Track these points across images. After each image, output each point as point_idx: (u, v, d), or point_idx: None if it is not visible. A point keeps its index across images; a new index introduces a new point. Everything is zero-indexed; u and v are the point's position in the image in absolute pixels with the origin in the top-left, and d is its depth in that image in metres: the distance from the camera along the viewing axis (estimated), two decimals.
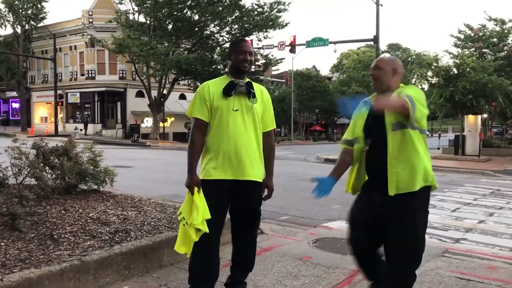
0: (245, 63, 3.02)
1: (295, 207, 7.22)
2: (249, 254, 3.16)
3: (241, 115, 2.97)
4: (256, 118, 3.03)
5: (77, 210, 4.40)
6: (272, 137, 3.22)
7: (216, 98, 2.96)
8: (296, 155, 23.08)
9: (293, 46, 26.12)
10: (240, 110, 2.98)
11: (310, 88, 48.97)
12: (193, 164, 2.92)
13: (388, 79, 2.83)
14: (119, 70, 35.15)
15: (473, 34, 25.55)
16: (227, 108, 2.96)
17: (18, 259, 3.06)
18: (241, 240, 3.14)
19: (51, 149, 5.08)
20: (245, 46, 3.06)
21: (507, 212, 7.38)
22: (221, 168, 2.93)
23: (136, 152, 20.73)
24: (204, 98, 2.97)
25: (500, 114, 28.30)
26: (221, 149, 2.94)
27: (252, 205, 3.06)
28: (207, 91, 2.98)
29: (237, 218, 3.11)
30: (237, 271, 3.16)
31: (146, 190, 7.70)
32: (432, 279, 3.68)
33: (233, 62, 3.04)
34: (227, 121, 2.94)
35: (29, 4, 35.45)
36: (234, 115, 2.96)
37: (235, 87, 2.98)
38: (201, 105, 2.97)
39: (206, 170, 2.98)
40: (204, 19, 30.41)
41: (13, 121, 41.39)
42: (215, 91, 2.98)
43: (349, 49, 70.04)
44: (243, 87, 3.01)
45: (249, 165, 2.96)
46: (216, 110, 2.96)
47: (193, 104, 3.01)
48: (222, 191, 2.94)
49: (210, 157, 2.98)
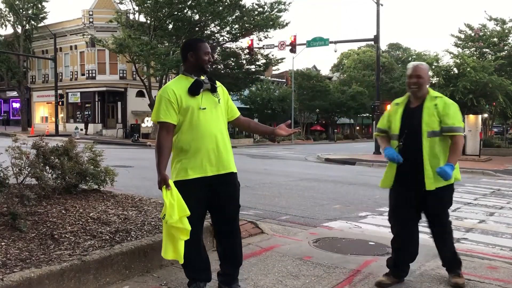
0: (209, 63, 3.11)
1: (296, 206, 7.22)
2: (238, 247, 3.21)
3: (210, 112, 3.04)
4: (222, 111, 3.14)
5: (77, 209, 4.40)
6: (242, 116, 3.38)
7: (184, 99, 2.99)
8: (296, 155, 23.07)
9: (293, 45, 26.09)
10: (208, 107, 3.04)
11: (311, 88, 48.93)
12: (161, 162, 2.93)
13: (426, 86, 3.44)
14: (119, 70, 35.16)
15: (474, 34, 25.55)
16: (197, 106, 3.00)
17: (19, 258, 3.06)
18: (227, 234, 3.17)
19: (51, 149, 5.08)
20: (207, 48, 3.13)
21: (508, 212, 7.38)
22: (200, 167, 2.98)
23: (137, 152, 20.73)
24: (170, 101, 2.97)
25: (501, 113, 28.31)
26: (198, 147, 2.97)
27: (233, 194, 3.13)
28: (172, 94, 2.99)
29: (219, 212, 3.14)
30: (229, 268, 3.18)
31: (146, 189, 7.70)
32: (433, 279, 3.69)
33: (197, 62, 3.07)
34: (198, 119, 2.99)
35: (29, 4, 35.46)
36: (204, 113, 3.01)
37: (202, 86, 3.02)
38: (168, 109, 2.97)
39: (182, 170, 3.00)
40: (205, 19, 30.40)
41: (14, 121, 41.42)
42: (181, 93, 3.00)
43: (350, 48, 69.83)
44: (208, 84, 3.07)
45: (226, 158, 3.06)
46: (186, 110, 2.98)
47: (158, 109, 3.01)
48: (201, 187, 2.99)
49: (185, 157, 2.99)
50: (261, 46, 30.37)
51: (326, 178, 11.76)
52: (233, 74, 31.46)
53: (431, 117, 3.32)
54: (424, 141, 3.29)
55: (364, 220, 6.37)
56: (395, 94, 57.20)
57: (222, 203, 3.10)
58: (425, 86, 3.43)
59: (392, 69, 61.82)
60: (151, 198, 5.51)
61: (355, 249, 4.56)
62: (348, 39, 33.59)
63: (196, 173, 2.98)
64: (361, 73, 57.74)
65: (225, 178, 3.06)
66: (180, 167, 3.01)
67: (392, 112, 3.57)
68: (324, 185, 10.16)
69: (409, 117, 3.40)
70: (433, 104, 3.35)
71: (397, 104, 3.57)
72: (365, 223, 6.14)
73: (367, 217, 6.60)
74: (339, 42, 26.57)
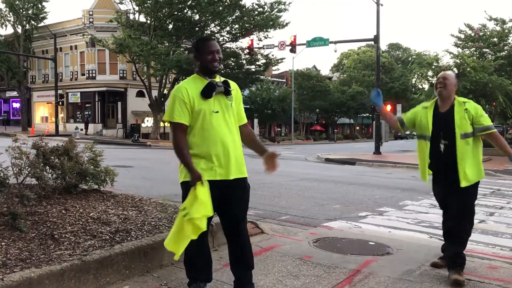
0: (214, 62, 3.00)
1: (296, 206, 7.22)
2: (249, 249, 3.17)
3: (222, 116, 2.98)
4: (235, 115, 3.07)
5: (77, 209, 4.40)
6: (248, 125, 3.30)
7: (196, 101, 2.93)
8: (296, 154, 23.08)
9: (293, 45, 26.09)
10: (221, 111, 2.98)
11: (311, 88, 48.97)
12: (189, 162, 2.89)
13: (452, 89, 3.78)
14: (119, 70, 35.17)
15: (474, 34, 25.54)
16: (209, 110, 2.94)
17: (19, 258, 3.06)
18: (235, 237, 3.12)
19: (51, 149, 5.08)
20: (212, 46, 3.02)
21: (508, 212, 7.38)
22: (209, 170, 2.92)
23: (137, 152, 20.74)
24: (184, 102, 2.92)
25: (501, 113, 28.30)
26: (208, 151, 2.93)
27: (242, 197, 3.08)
28: (186, 94, 2.94)
29: (226, 214, 3.10)
30: (239, 270, 3.13)
31: (146, 189, 7.70)
32: (433, 279, 3.69)
33: (202, 63, 3.01)
34: (210, 123, 2.93)
35: (29, 4, 35.47)
36: (216, 116, 2.96)
37: (214, 89, 2.96)
38: (182, 109, 2.93)
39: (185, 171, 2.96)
40: (205, 19, 30.41)
41: (14, 121, 41.42)
42: (194, 94, 2.94)
43: (350, 48, 69.92)
44: (222, 87, 3.00)
45: (236, 163, 2.99)
46: (198, 113, 2.93)
47: (172, 109, 2.95)
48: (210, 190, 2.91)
49: (195, 159, 2.94)
50: (261, 46, 30.38)
51: (326, 178, 11.76)
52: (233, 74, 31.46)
53: (463, 120, 3.66)
54: (458, 143, 3.64)
55: (364, 220, 6.37)
56: (395, 94, 57.46)
57: (230, 206, 3.05)
58: (451, 88, 3.78)
59: (392, 69, 61.88)
60: (151, 198, 5.51)
61: (355, 249, 4.55)
62: (348, 39, 33.60)
63: (205, 175, 2.90)
64: (361, 73, 57.77)
65: (234, 182, 3.00)
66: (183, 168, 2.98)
67: (421, 114, 3.90)
68: (324, 185, 10.16)
69: (441, 120, 3.74)
70: (463, 109, 3.70)
71: (425, 107, 3.90)
72: (365, 223, 6.14)
73: (367, 217, 6.61)
74: (339, 42, 26.57)
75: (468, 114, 3.67)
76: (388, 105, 29.59)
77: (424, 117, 3.85)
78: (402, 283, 3.57)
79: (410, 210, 7.29)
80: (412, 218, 6.62)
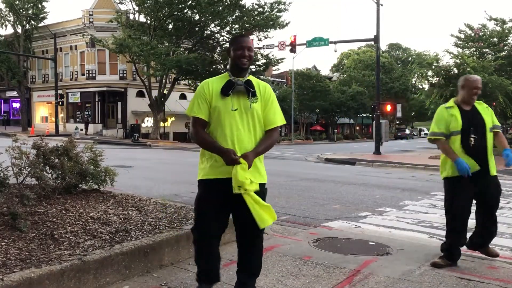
0: (243, 59, 2.92)
1: (296, 206, 7.22)
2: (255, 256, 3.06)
3: (239, 115, 2.91)
4: (255, 117, 2.94)
5: (77, 209, 4.40)
6: (274, 132, 3.06)
7: (215, 97, 2.92)
8: (296, 155, 23.09)
9: (293, 45, 26.11)
10: (239, 110, 2.91)
11: (311, 88, 48.94)
12: (216, 146, 2.83)
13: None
14: (119, 70, 35.17)
15: (474, 34, 25.53)
16: (225, 108, 2.90)
17: (19, 258, 3.06)
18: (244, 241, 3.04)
19: (51, 149, 5.08)
20: (243, 42, 2.97)
21: (508, 212, 7.37)
22: (220, 168, 2.86)
23: (137, 152, 20.74)
24: (205, 97, 2.93)
25: (501, 114, 28.24)
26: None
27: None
28: (207, 89, 2.94)
29: (241, 220, 2.97)
30: (243, 276, 3.05)
31: (146, 189, 7.71)
32: (433, 279, 3.69)
33: (232, 58, 2.98)
34: (224, 121, 2.89)
35: (29, 4, 35.47)
36: (233, 115, 2.89)
37: (232, 87, 2.91)
38: (201, 104, 2.92)
39: (204, 170, 2.96)
40: (205, 19, 30.42)
41: (14, 121, 41.42)
42: (214, 90, 2.93)
43: (350, 49, 69.97)
44: (242, 85, 2.92)
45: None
46: (214, 109, 2.91)
47: (193, 103, 2.96)
48: (222, 190, 2.85)
49: (209, 156, 2.93)
50: (261, 46, 30.42)
51: (326, 178, 11.76)
52: None
53: (488, 117, 4.11)
54: (488, 135, 4.06)
55: (364, 220, 6.37)
56: (395, 94, 57.48)
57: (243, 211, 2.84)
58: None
59: (392, 69, 61.86)
60: (151, 198, 5.51)
61: (355, 249, 4.55)
62: (348, 39, 33.62)
63: (216, 173, 2.87)
64: (361, 73, 57.75)
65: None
66: (205, 166, 2.95)
67: (447, 115, 4.13)
68: (324, 185, 10.16)
69: (471, 117, 4.06)
70: (485, 107, 4.18)
71: (449, 107, 4.16)
72: (365, 223, 6.14)
73: (367, 217, 6.60)
74: (339, 42, 26.58)
75: (489, 111, 4.16)
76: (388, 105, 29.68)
77: (451, 116, 4.10)
78: (402, 283, 3.57)
79: (410, 210, 7.29)
80: (412, 218, 6.62)
